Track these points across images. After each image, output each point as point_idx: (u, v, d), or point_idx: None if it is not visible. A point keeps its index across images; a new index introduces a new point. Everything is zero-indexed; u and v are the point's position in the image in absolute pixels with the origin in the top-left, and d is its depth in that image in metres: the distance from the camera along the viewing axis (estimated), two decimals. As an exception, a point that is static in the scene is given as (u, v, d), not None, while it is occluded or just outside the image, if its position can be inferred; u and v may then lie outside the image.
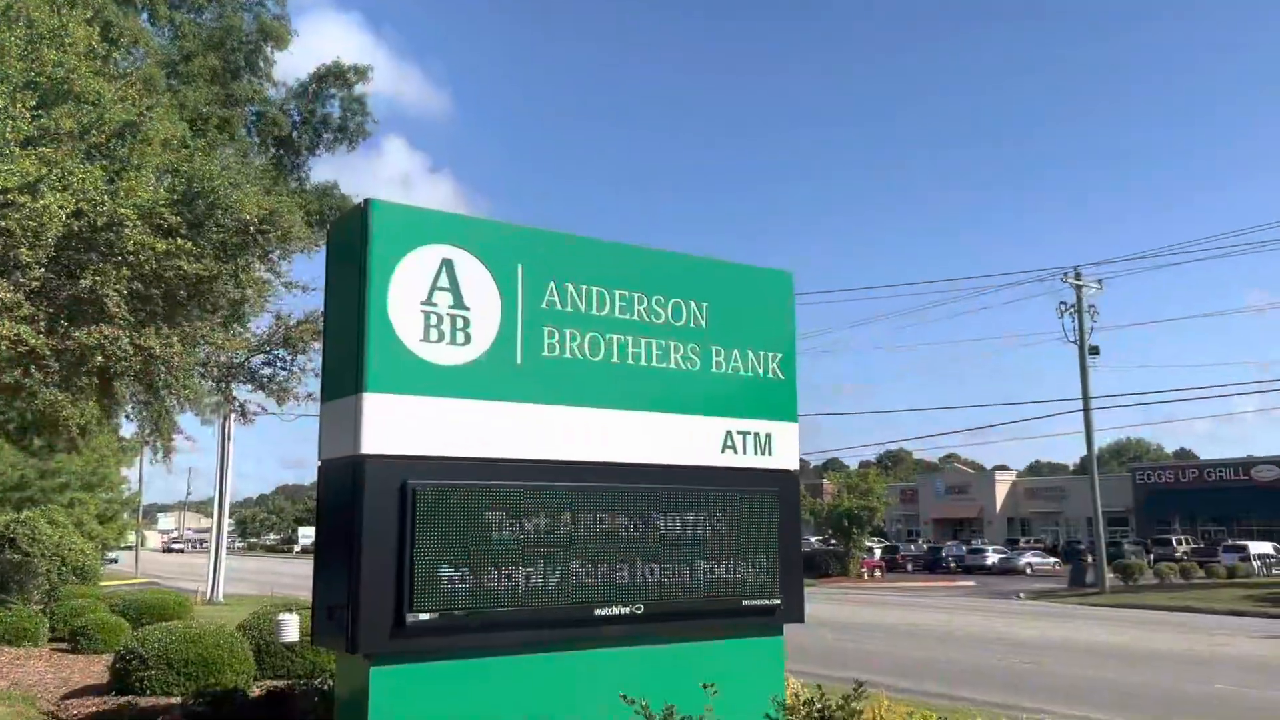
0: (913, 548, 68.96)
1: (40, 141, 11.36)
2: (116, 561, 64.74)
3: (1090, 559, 46.13)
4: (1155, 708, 13.94)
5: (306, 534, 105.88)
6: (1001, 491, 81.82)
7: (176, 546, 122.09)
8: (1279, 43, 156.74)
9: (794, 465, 9.40)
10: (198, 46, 19.18)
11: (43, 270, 11.29)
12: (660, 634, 8.30)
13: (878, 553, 60.85)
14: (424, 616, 7.08)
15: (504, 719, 7.16)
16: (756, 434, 9.16)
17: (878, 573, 55.20)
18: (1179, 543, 60.00)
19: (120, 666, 11.60)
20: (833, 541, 57.10)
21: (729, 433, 8.99)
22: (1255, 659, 19.67)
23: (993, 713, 9.54)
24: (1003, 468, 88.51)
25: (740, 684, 8.41)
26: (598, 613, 7.86)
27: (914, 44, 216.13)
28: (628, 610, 7.99)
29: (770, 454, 9.20)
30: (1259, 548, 52.18)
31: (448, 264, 7.70)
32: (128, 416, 20.39)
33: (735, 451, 8.98)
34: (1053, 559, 60.07)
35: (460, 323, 7.70)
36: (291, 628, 11.02)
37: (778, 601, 8.82)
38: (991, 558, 59.12)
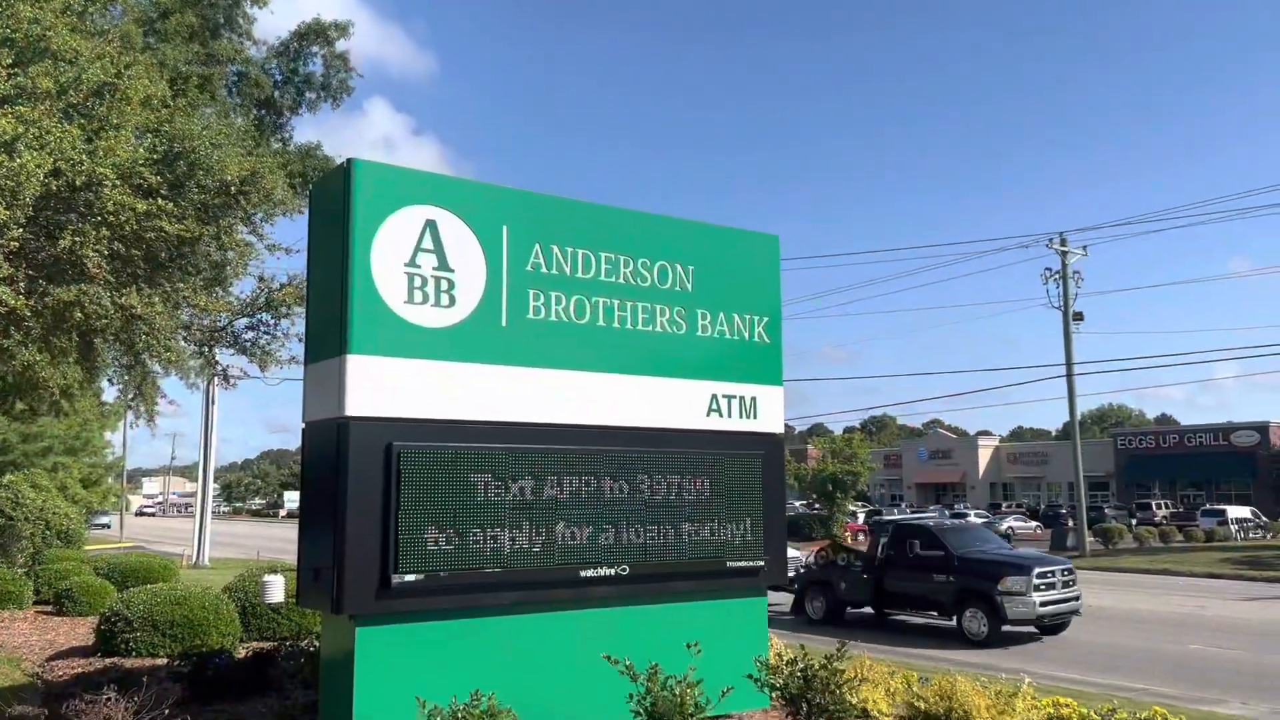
0: (896, 512, 69.46)
1: (17, 101, 11.17)
2: (109, 526, 64.54)
3: (1071, 523, 46.64)
4: (1134, 667, 14.15)
5: (292, 498, 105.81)
6: (984, 456, 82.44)
7: (148, 510, 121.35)
8: (1270, 3, 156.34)
9: (779, 428, 9.43)
10: (175, 3, 18.83)
11: (21, 230, 11.14)
12: (645, 595, 8.36)
13: (861, 517, 61.31)
14: (409, 578, 7.10)
15: (490, 678, 7.20)
16: (742, 397, 9.17)
17: (861, 537, 55.63)
18: (1159, 507, 60.76)
19: (105, 628, 11.61)
20: (817, 506, 57.47)
21: (714, 396, 9.00)
22: (1230, 621, 19.97)
23: (971, 673, 9.66)
24: (986, 433, 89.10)
25: (724, 644, 8.50)
26: (583, 574, 7.89)
27: (898, 13, 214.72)
28: (613, 571, 8.03)
29: (755, 417, 9.23)
30: (1237, 512, 52.80)
31: (431, 225, 7.64)
32: (110, 380, 20.28)
33: (721, 415, 9.00)
34: (1034, 523, 60.61)
35: (445, 285, 7.65)
36: (277, 589, 11.03)
37: (762, 563, 8.89)
38: (974, 522, 59.63)
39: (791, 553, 20.37)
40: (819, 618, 19.25)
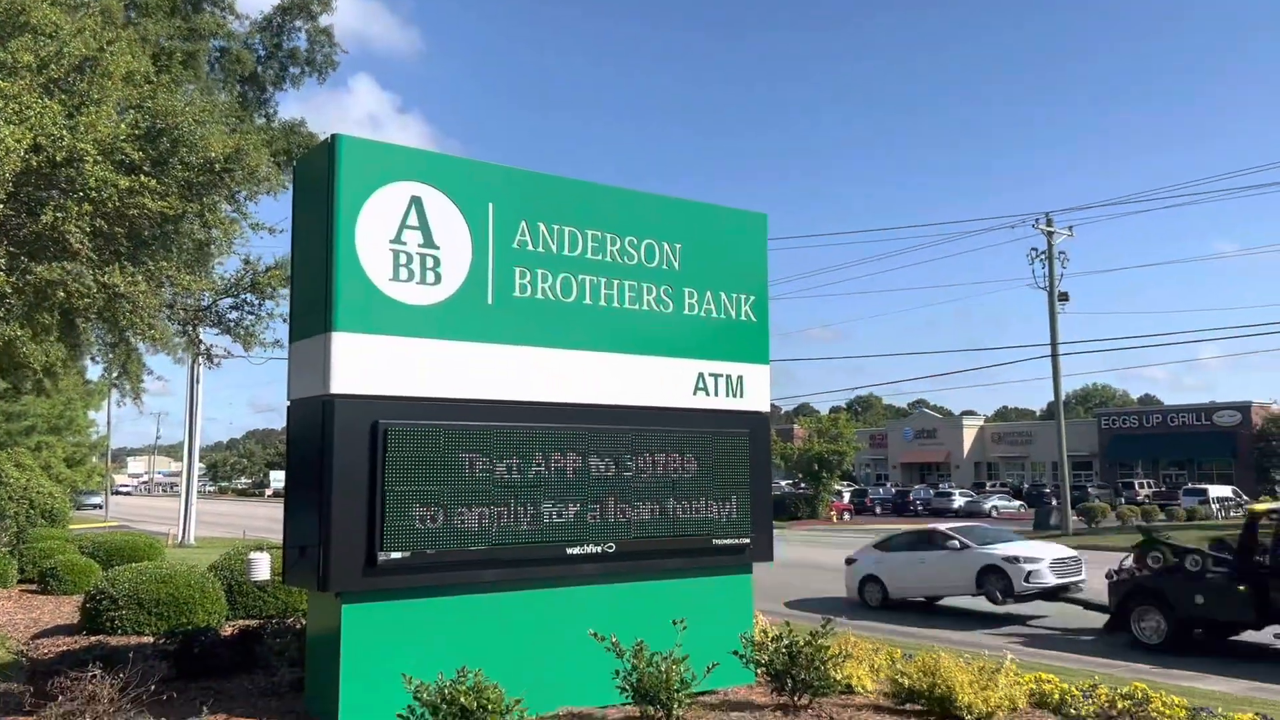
0: (881, 491, 69.85)
1: (-4, 75, 11.05)
2: (100, 507, 64.09)
3: (1055, 502, 46.99)
4: (1116, 644, 14.27)
5: (278, 478, 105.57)
6: (969, 436, 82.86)
7: (124, 489, 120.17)
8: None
9: (765, 407, 9.44)
10: (156, -24, 18.62)
11: (1, 206, 11.05)
12: (632, 572, 8.39)
13: (846, 496, 61.60)
14: (395, 555, 7.10)
15: (477, 655, 7.22)
16: (728, 376, 9.18)
17: (846, 515, 55.92)
18: (1141, 486, 61.29)
19: (91, 607, 11.58)
20: (803, 485, 57.69)
21: (701, 374, 9.00)
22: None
23: (955, 649, 9.74)
24: (970, 413, 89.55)
25: (710, 620, 8.54)
26: (570, 551, 7.91)
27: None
28: (600, 549, 8.05)
29: (741, 396, 9.24)
30: (1218, 491, 53.26)
31: (417, 202, 7.60)
32: (93, 358, 20.18)
33: (707, 393, 9.01)
34: (1018, 502, 61.06)
35: (430, 262, 7.62)
36: (263, 566, 11.03)
37: (747, 541, 8.92)
38: (958, 501, 60.03)
39: (1062, 551, 18.00)
40: (1156, 641, 13.92)
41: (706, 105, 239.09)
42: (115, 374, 19.20)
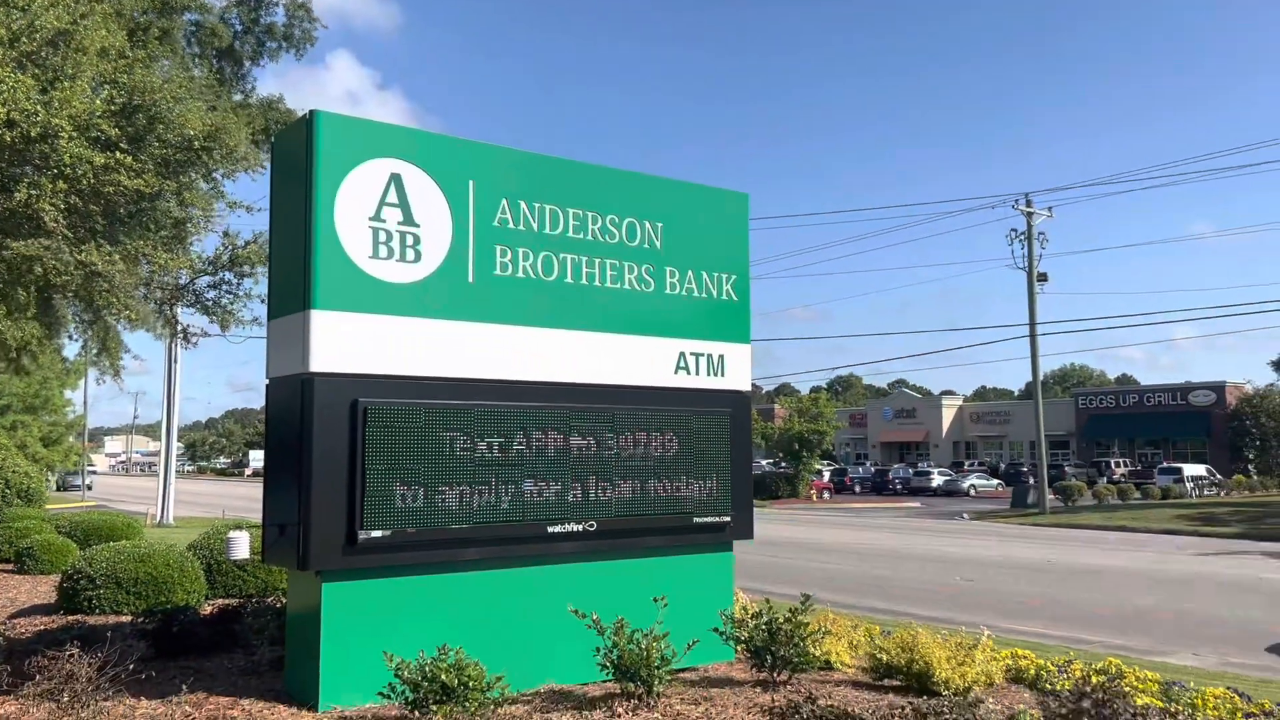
0: (860, 470, 70.29)
1: (-34, 48, 10.88)
2: (91, 488, 63.46)
3: (1032, 481, 47.43)
4: (1090, 620, 14.47)
5: (257, 457, 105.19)
6: (948, 416, 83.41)
7: (89, 469, 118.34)
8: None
9: (746, 386, 9.47)
10: (131, -51, 18.35)
11: (-26, 183, 10.91)
12: (613, 550, 8.41)
13: (826, 475, 61.99)
14: (376, 533, 7.09)
15: (458, 633, 7.24)
16: (709, 355, 9.19)
17: (826, 494, 56.30)
18: (1117, 465, 61.95)
19: (68, 586, 11.52)
20: (783, 464, 58.00)
21: (682, 354, 9.01)
22: (1183, 575, 20.45)
23: (933, 626, 9.84)
24: (949, 393, 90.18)
25: (691, 598, 8.59)
26: (551, 530, 7.92)
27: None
28: (581, 527, 8.07)
29: (723, 375, 9.26)
30: (1192, 470, 53.94)
31: (396, 179, 7.55)
32: (70, 337, 19.98)
33: (688, 372, 9.02)
34: (996, 481, 61.61)
35: (410, 240, 7.58)
36: (242, 545, 10.98)
37: (728, 519, 8.96)
38: (937, 480, 60.54)
39: None
40: None
41: (694, 77, 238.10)
42: (95, 351, 19.05)
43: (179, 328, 17.49)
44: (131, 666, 7.35)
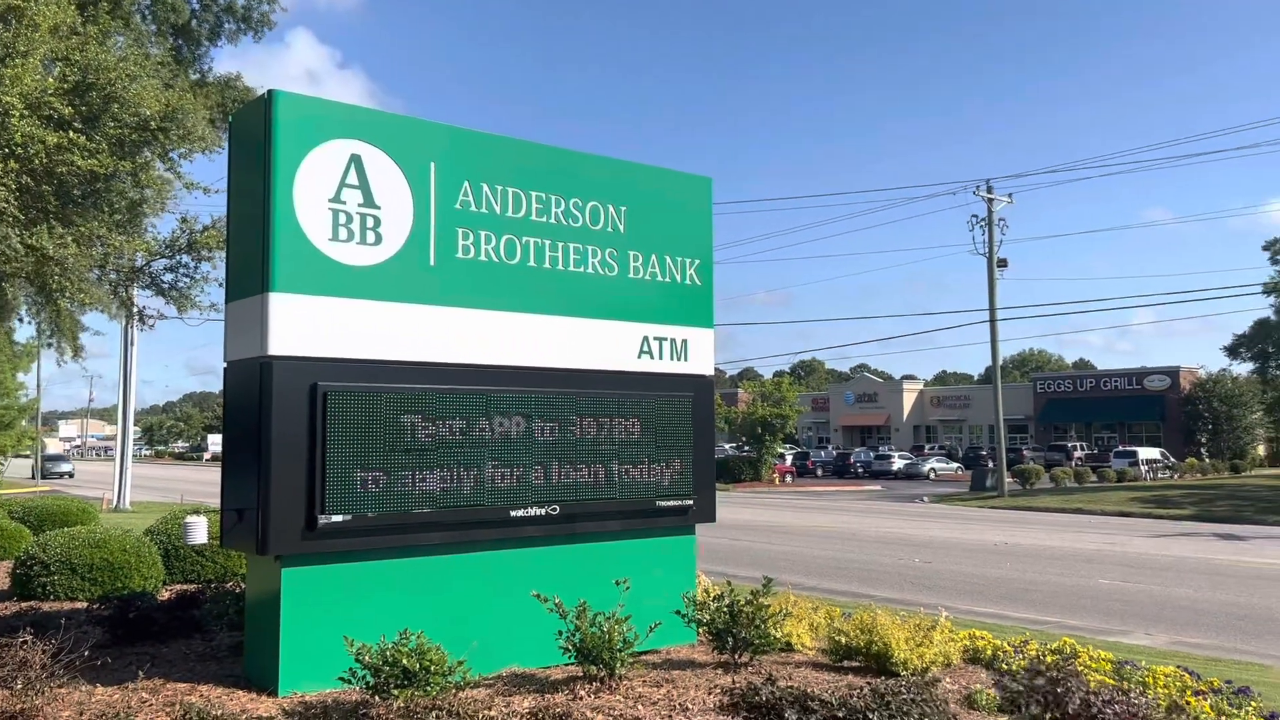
0: (823, 454, 70.83)
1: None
2: (72, 475, 62.32)
3: (991, 464, 48.05)
4: (1047, 601, 14.71)
5: (216, 441, 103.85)
6: (909, 400, 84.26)
7: (23, 454, 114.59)
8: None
9: (709, 370, 9.49)
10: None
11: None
12: (576, 534, 8.41)
13: (789, 459, 62.38)
14: (336, 518, 7.04)
15: (421, 618, 7.22)
16: (673, 340, 9.20)
17: (789, 478, 56.67)
18: (1075, 449, 62.92)
19: (21, 573, 11.34)
20: (746, 448, 58.27)
21: (646, 338, 9.01)
22: (1136, 557, 20.85)
23: (892, 608, 9.96)
24: (910, 377, 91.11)
25: (654, 580, 8.62)
26: (514, 514, 7.91)
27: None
28: (544, 511, 8.06)
29: (686, 359, 9.28)
30: (1147, 453, 54.94)
31: (356, 160, 7.46)
32: (21, 319, 19.60)
33: (652, 357, 9.03)
34: (956, 464, 62.35)
35: (370, 222, 7.50)
36: (200, 530, 10.83)
37: (691, 502, 8.99)
38: (897, 463, 61.19)
39: None
40: None
41: (660, 59, 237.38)
42: (49, 333, 18.69)
43: (135, 310, 17.17)
44: (87, 653, 7.26)
